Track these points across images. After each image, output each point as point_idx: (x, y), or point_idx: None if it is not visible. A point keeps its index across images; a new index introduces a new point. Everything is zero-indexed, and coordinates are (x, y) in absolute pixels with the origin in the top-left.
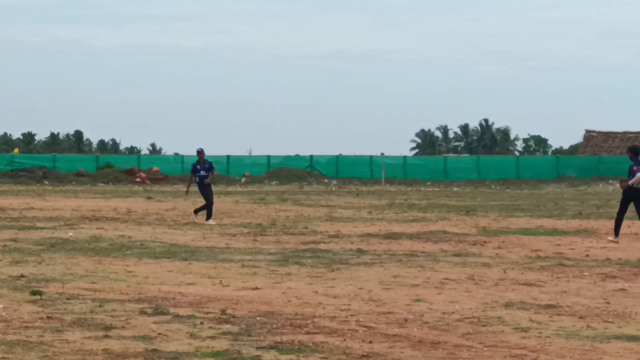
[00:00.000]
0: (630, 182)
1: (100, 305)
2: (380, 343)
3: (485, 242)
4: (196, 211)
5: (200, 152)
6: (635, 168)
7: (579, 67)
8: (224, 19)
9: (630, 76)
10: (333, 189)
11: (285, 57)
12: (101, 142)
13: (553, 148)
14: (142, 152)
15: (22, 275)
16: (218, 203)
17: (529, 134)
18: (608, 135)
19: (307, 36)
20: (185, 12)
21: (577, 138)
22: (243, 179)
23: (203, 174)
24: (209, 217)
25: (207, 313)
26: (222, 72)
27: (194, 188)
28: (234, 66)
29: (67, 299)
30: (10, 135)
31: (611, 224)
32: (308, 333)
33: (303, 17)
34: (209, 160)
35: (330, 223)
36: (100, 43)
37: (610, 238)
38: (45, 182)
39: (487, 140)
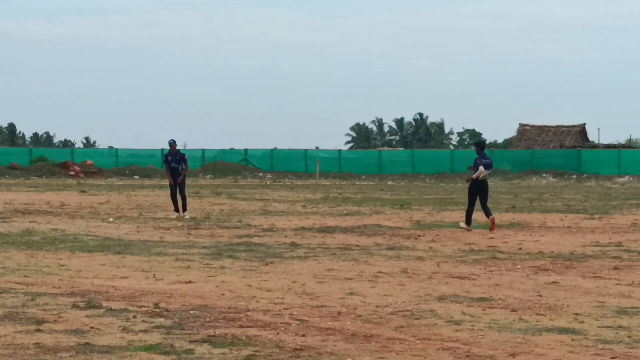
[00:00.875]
0: (474, 176)
1: (32, 299)
2: (314, 336)
3: (419, 235)
4: (183, 209)
5: (172, 144)
6: (478, 161)
7: (512, 61)
8: (156, 12)
9: (563, 70)
10: (267, 183)
11: (219, 50)
12: (35, 135)
13: (487, 142)
14: (76, 146)
15: None
16: (152, 197)
17: (463, 128)
18: (541, 129)
19: (241, 29)
20: (119, 5)
21: (511, 132)
22: None
23: (174, 166)
24: (184, 209)
25: (140, 307)
26: (156, 65)
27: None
28: (168, 59)
29: None
30: None
31: (544, 217)
32: (241, 326)
33: (237, 10)
34: (182, 152)
35: (265, 217)
36: (33, 36)
37: (463, 225)
38: None
39: (421, 134)
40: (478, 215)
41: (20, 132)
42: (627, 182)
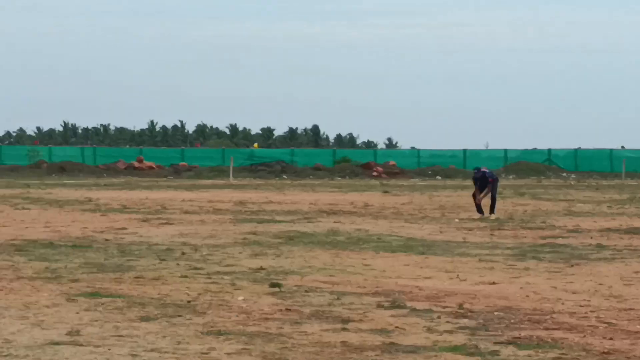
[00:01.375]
0: None
1: (337, 298)
2: (622, 340)
3: None
4: (491, 211)
5: (475, 172)
6: None
7: None
8: (454, 13)
9: None
10: (572, 183)
11: (523, 52)
12: (338, 136)
13: None
14: (379, 147)
15: (262, 268)
16: (454, 197)
17: None
18: None
19: (545, 28)
20: (417, 6)
21: None
22: None
23: (479, 185)
24: (492, 211)
25: (445, 307)
26: (457, 68)
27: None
28: (470, 61)
29: (306, 291)
30: (249, 130)
31: None
32: (547, 329)
33: (541, 9)
34: (486, 172)
35: (569, 217)
36: (335, 38)
37: None
38: (284, 176)
39: None
40: None
41: (324, 133)
42: None
